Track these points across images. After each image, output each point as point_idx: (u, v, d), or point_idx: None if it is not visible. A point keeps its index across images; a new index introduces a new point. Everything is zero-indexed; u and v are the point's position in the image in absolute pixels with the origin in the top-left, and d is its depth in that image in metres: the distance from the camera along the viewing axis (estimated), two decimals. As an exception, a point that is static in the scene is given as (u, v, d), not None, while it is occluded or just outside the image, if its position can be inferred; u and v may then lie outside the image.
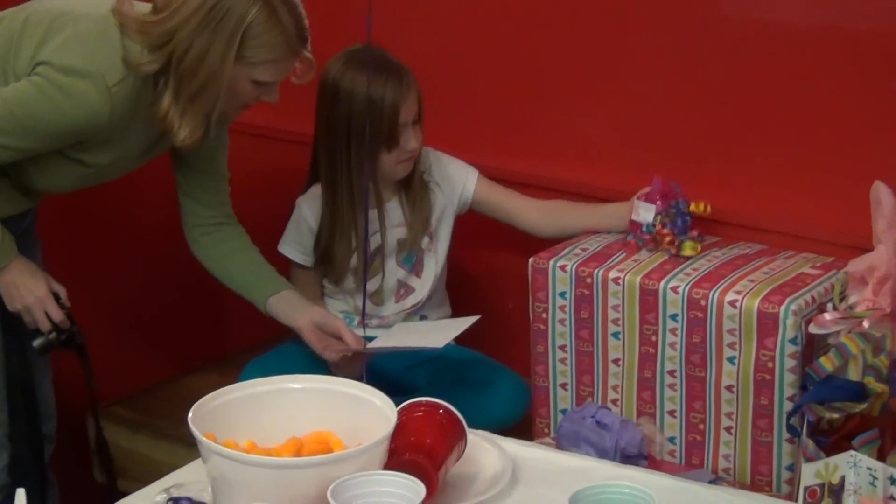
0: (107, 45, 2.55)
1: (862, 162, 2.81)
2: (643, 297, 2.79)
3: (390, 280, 3.09)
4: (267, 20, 2.54)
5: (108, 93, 2.53)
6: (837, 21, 2.89)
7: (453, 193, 3.12)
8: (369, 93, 2.90)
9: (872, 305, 2.59)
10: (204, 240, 2.95)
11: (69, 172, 2.68)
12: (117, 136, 2.64)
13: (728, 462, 2.76)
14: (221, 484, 1.90)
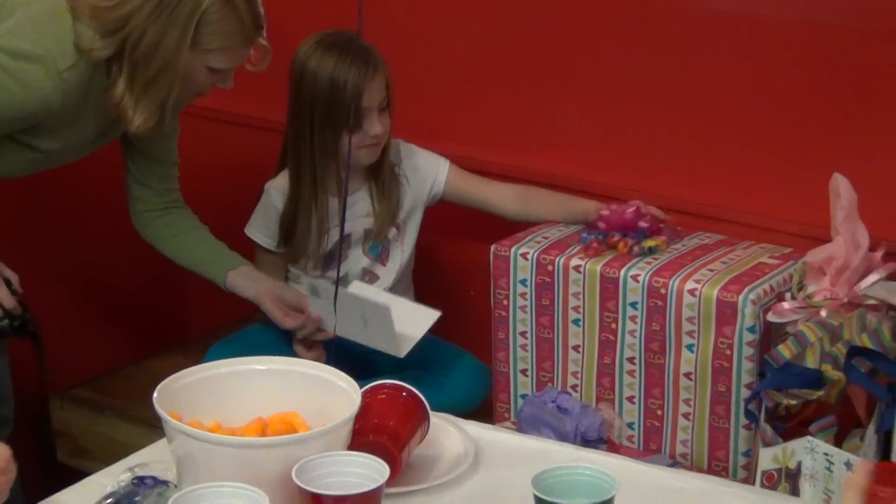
0: (58, 29, 2.53)
1: (821, 154, 2.83)
2: (604, 285, 2.79)
3: (355, 267, 3.08)
4: (222, 7, 2.53)
5: (59, 78, 2.51)
6: (797, 17, 2.90)
7: (424, 186, 3.12)
8: (333, 74, 2.90)
9: (830, 295, 2.60)
10: (156, 223, 2.94)
11: (20, 157, 2.66)
12: (69, 121, 2.62)
13: (685, 447, 2.77)
14: (187, 463, 1.89)
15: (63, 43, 2.52)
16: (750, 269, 2.76)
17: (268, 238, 3.08)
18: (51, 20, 2.53)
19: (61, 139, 2.65)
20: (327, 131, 2.95)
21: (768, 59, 2.93)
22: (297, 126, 2.99)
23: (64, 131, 2.63)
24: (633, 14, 3.07)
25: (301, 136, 2.98)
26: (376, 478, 1.81)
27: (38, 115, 2.55)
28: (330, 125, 2.94)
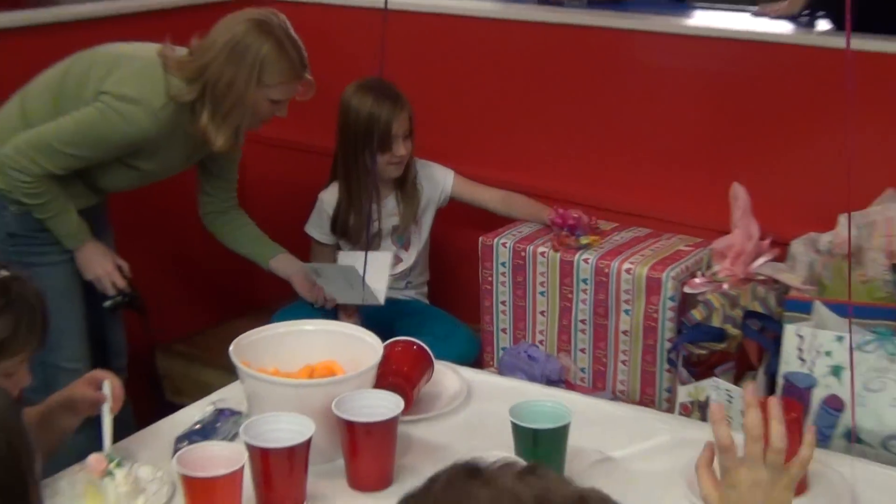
0: (153, 78, 2.54)
1: (723, 170, 2.83)
2: (562, 267, 2.79)
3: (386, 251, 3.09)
4: (277, 52, 2.53)
5: (153, 115, 2.52)
6: (703, 65, 2.91)
7: (435, 191, 3.12)
8: (370, 110, 2.92)
9: (730, 273, 2.61)
10: (217, 221, 2.94)
11: (126, 176, 2.66)
12: (162, 148, 2.62)
13: (623, 386, 2.78)
14: (254, 399, 1.91)
15: (157, 88, 2.52)
16: (671, 255, 2.77)
17: (321, 234, 3.09)
18: (148, 71, 2.54)
19: (157, 162, 2.65)
20: (367, 153, 2.95)
21: (684, 100, 2.95)
22: (344, 149, 3.00)
23: (159, 156, 2.64)
24: (587, 70, 3.07)
25: (348, 157, 2.99)
26: (394, 409, 1.83)
27: (137, 143, 2.56)
28: (368, 148, 2.94)
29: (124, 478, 1.77)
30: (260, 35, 2.53)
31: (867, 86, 2.67)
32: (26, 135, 2.53)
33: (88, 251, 2.64)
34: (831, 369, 2.21)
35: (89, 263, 2.65)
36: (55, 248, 2.63)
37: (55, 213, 2.57)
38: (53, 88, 2.60)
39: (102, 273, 2.65)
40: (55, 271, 2.64)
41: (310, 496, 1.77)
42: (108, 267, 2.66)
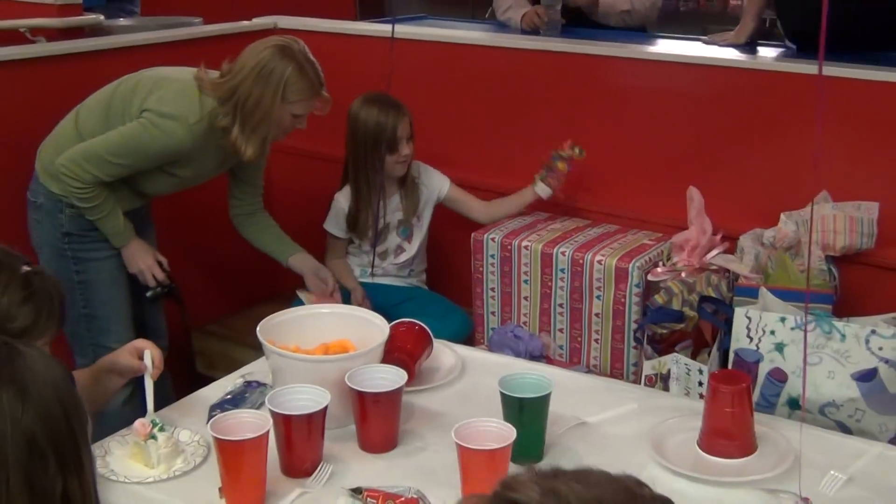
0: (189, 96, 2.51)
1: (681, 175, 2.80)
2: (543, 258, 2.76)
3: (392, 244, 3.06)
4: (298, 73, 2.51)
5: (189, 129, 2.49)
6: (664, 85, 2.88)
7: (433, 193, 3.08)
8: (377, 118, 2.90)
9: (687, 263, 2.58)
10: (244, 222, 2.90)
11: (165, 181, 2.63)
12: (197, 157, 2.59)
13: (596, 361, 2.75)
14: (278, 372, 1.89)
15: (193, 106, 2.50)
16: (636, 248, 2.73)
17: (337, 230, 3.04)
18: (185, 91, 2.51)
19: (193, 169, 2.62)
20: (376, 155, 2.92)
21: (647, 116, 2.91)
22: (355, 155, 2.96)
23: (194, 164, 2.61)
24: (563, 90, 3.04)
25: (359, 161, 2.95)
26: (398, 381, 1.81)
27: (175, 154, 2.54)
28: (377, 151, 2.91)
29: (166, 440, 1.76)
30: (283, 58, 2.50)
31: (805, 103, 2.65)
32: (79, 146, 2.51)
33: (133, 248, 2.62)
34: (775, 346, 2.19)
35: (133, 259, 2.62)
36: (104, 245, 2.61)
37: (104, 215, 2.55)
38: (103, 106, 2.58)
39: (144, 267, 2.63)
40: (104, 265, 2.62)
41: (325, 457, 1.75)
42: (150, 262, 2.63)
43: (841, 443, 1.86)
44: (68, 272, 2.59)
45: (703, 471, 1.72)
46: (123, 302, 2.68)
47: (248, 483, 1.63)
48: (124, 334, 2.62)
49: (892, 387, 2.12)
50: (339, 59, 3.39)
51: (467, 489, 1.61)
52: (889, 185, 2.58)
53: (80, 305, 2.61)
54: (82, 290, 2.62)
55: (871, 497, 1.66)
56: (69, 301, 2.56)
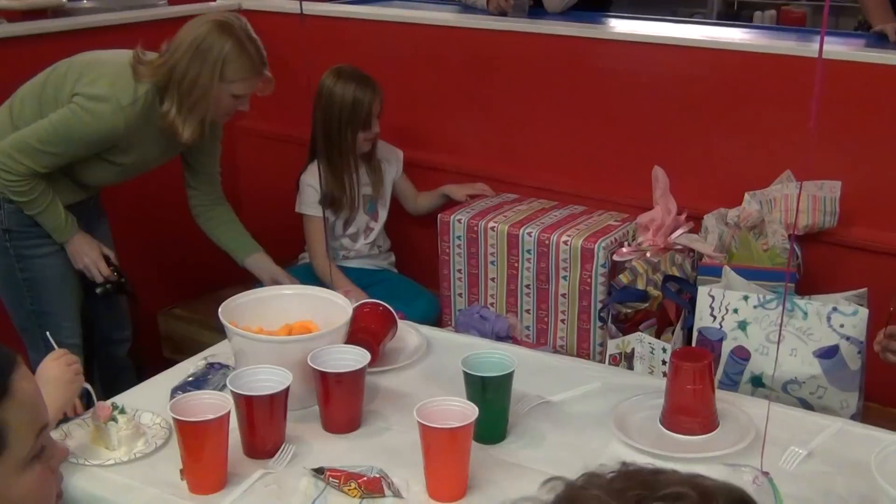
0: (122, 78, 2.40)
1: (646, 155, 2.80)
2: (509, 239, 2.76)
3: (361, 224, 3.04)
4: (238, 50, 2.41)
5: (122, 112, 2.38)
6: (629, 66, 2.88)
7: (391, 174, 3.08)
8: (354, 94, 2.88)
9: (652, 243, 2.59)
10: (203, 215, 2.78)
11: (106, 170, 2.51)
12: (135, 143, 2.47)
13: (563, 341, 2.75)
14: (240, 354, 1.87)
15: (126, 88, 2.39)
16: (602, 228, 2.73)
17: (310, 209, 2.98)
18: (117, 72, 2.41)
19: (134, 156, 2.51)
20: (349, 131, 2.90)
21: (613, 97, 2.91)
22: (327, 128, 2.92)
23: (134, 151, 2.50)
24: (530, 70, 3.03)
25: (331, 136, 2.92)
26: (361, 361, 1.79)
27: (109, 139, 2.42)
28: (350, 127, 2.89)
29: (126, 423, 1.74)
30: (222, 35, 2.40)
31: (768, 83, 2.66)
32: (10, 137, 2.39)
33: (76, 243, 2.51)
34: (738, 324, 2.19)
35: (77, 255, 2.52)
36: (47, 242, 2.50)
37: (43, 209, 2.43)
38: (36, 93, 2.47)
39: (90, 262, 2.52)
40: (49, 262, 2.51)
41: (288, 437, 1.74)
42: (94, 256, 2.52)
43: (802, 419, 1.87)
44: (12, 270, 2.50)
45: (665, 447, 1.72)
46: (72, 298, 2.58)
47: (210, 464, 1.61)
48: (75, 330, 2.56)
49: (852, 364, 2.14)
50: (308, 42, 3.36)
51: (430, 468, 1.60)
52: (851, 164, 2.59)
53: (27, 302, 2.52)
54: (29, 288, 2.52)
55: (831, 472, 1.67)
56: (17, 298, 2.53)
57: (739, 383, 2.20)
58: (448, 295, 2.91)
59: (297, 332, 1.90)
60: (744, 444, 1.70)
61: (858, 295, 2.23)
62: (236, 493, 1.61)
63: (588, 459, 1.70)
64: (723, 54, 2.77)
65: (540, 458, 1.71)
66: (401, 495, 1.59)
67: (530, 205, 2.92)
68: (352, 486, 1.59)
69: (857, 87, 2.57)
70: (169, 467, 1.66)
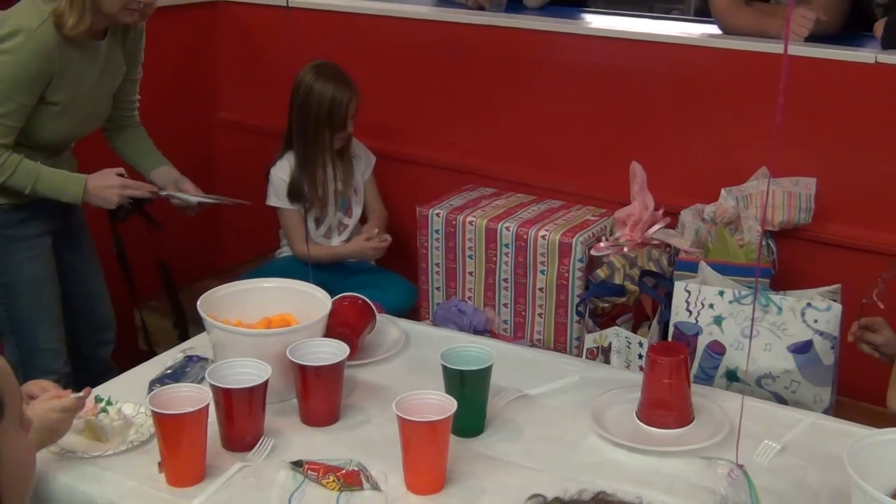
0: (25, 7, 2.31)
1: (624, 151, 2.82)
2: (487, 233, 2.76)
3: (333, 221, 3.05)
4: None
5: (35, 37, 2.27)
6: (608, 61, 2.90)
7: (361, 166, 3.10)
8: (333, 94, 2.88)
9: (629, 238, 2.61)
10: (114, 136, 2.67)
11: (51, 116, 2.38)
12: (64, 72, 2.35)
13: (540, 335, 2.76)
14: (219, 347, 1.87)
15: (31, 14, 2.29)
16: (580, 223, 2.74)
17: (281, 202, 3.00)
18: (21, 6, 2.32)
19: (68, 89, 2.38)
20: (325, 131, 2.91)
21: (592, 92, 2.93)
22: (303, 126, 2.92)
23: (66, 82, 2.37)
24: (509, 65, 3.04)
25: (307, 133, 2.92)
26: (340, 354, 1.80)
27: (39, 71, 2.31)
28: (328, 127, 2.90)
29: (117, 413, 1.75)
30: None
31: (745, 80, 2.68)
32: None
33: (93, 189, 2.40)
34: (714, 319, 2.21)
35: (105, 198, 2.42)
36: (22, 247, 2.44)
37: (35, 178, 2.34)
38: None
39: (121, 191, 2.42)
40: (26, 267, 2.46)
41: (267, 431, 1.74)
42: (118, 184, 2.43)
43: (775, 413, 1.89)
44: None
45: (641, 441, 1.74)
46: (49, 304, 2.52)
47: (188, 457, 1.61)
48: (53, 333, 2.51)
49: (826, 359, 2.16)
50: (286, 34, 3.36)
51: (408, 461, 1.61)
52: (826, 161, 2.62)
53: (1, 308, 2.47)
54: (3, 293, 2.46)
55: (804, 465, 1.69)
56: None
57: (715, 377, 2.23)
58: (426, 288, 2.92)
59: (276, 326, 1.91)
60: (719, 437, 1.72)
61: (832, 291, 2.25)
62: (215, 486, 1.61)
63: (566, 453, 1.72)
64: (700, 51, 2.79)
65: (517, 452, 1.72)
66: (379, 488, 1.60)
67: (508, 199, 2.93)
68: (330, 478, 1.60)
69: (832, 84, 2.60)
70: (147, 460, 1.66)
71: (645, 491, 1.60)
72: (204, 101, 3.55)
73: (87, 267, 2.69)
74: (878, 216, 2.59)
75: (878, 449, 1.51)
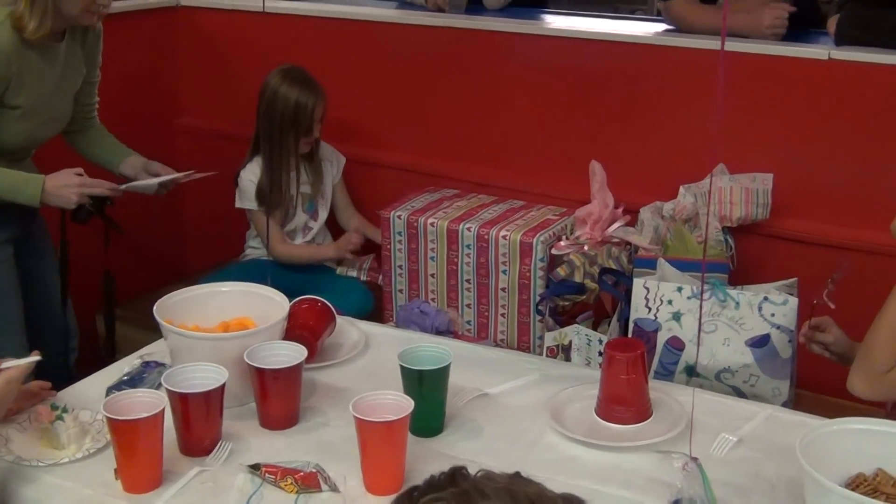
0: None
1: (584, 150, 2.83)
2: (449, 235, 2.77)
3: (300, 222, 3.04)
4: None
5: None
6: (567, 61, 2.91)
7: (334, 171, 3.10)
8: (298, 99, 2.89)
9: (590, 236, 2.62)
10: (76, 138, 2.65)
11: (9, 119, 2.35)
12: (23, 74, 2.32)
13: (503, 335, 2.77)
14: (176, 352, 1.85)
15: None
16: (540, 223, 2.75)
17: (250, 203, 3.00)
18: None
19: (29, 94, 2.36)
20: (291, 135, 2.91)
21: (552, 92, 2.94)
22: (269, 131, 2.93)
23: (26, 85, 2.35)
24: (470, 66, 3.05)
25: (273, 137, 2.92)
26: (298, 357, 1.79)
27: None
28: (293, 131, 2.91)
29: (73, 421, 1.73)
30: None
31: (703, 78, 2.70)
32: None
33: (51, 189, 2.34)
34: (673, 315, 2.23)
35: (63, 196, 2.36)
36: None
37: None
38: None
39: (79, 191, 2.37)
40: None
41: (225, 435, 1.73)
42: (76, 182, 2.38)
43: (733, 406, 1.90)
44: None
45: (600, 436, 1.74)
46: (12, 312, 2.49)
47: (144, 463, 1.60)
48: (16, 341, 2.46)
49: (783, 352, 2.18)
50: (247, 39, 3.35)
51: (366, 462, 1.61)
52: (783, 156, 2.65)
53: None
54: None
55: (760, 457, 1.70)
56: None
57: (675, 373, 2.24)
58: (389, 290, 2.92)
59: (233, 330, 1.89)
60: (676, 431, 1.73)
61: (789, 285, 2.28)
62: (172, 492, 1.60)
63: (524, 450, 1.72)
64: (657, 49, 2.81)
65: (477, 450, 1.72)
66: (337, 489, 1.60)
67: (469, 200, 2.94)
68: (288, 481, 1.59)
69: (787, 81, 2.63)
70: (104, 467, 1.65)
71: (603, 486, 1.61)
72: (165, 106, 3.53)
73: (51, 274, 2.67)
74: (833, 211, 2.61)
75: (831, 439, 1.52)
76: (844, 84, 2.56)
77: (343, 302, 2.18)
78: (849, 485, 1.49)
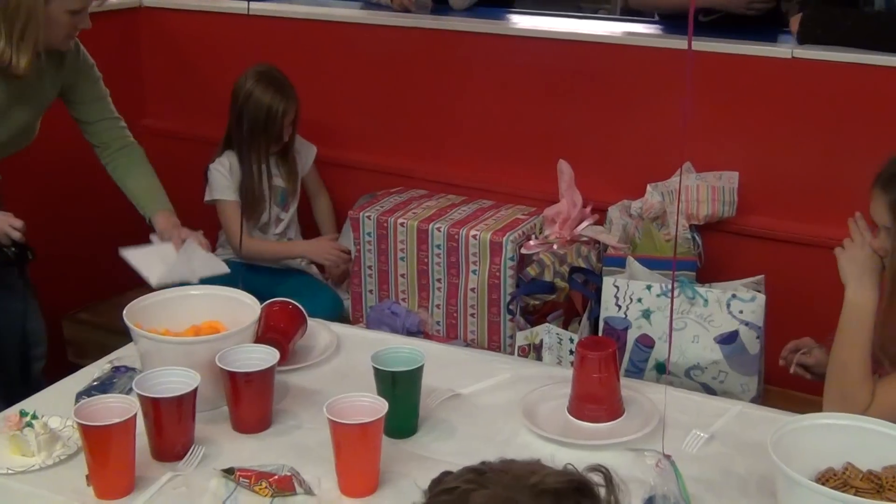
0: None
1: (552, 150, 2.84)
2: (419, 235, 2.77)
3: (273, 214, 3.03)
4: None
5: None
6: (534, 61, 2.92)
7: (305, 163, 3.09)
8: (270, 104, 2.87)
9: (559, 235, 2.63)
10: (111, 164, 2.61)
11: None
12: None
13: (473, 335, 2.77)
14: (146, 356, 1.84)
15: None
16: (510, 222, 2.76)
17: (223, 195, 2.96)
18: None
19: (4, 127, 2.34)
20: (262, 138, 2.91)
21: (519, 92, 2.95)
22: (240, 130, 2.91)
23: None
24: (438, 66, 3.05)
25: (243, 137, 2.91)
26: (270, 360, 1.78)
27: None
28: (265, 134, 2.90)
29: (42, 427, 1.71)
30: None
31: (668, 77, 2.72)
32: None
33: None
34: (642, 313, 2.24)
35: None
36: None
37: None
38: None
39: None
40: None
41: (198, 439, 1.72)
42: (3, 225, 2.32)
43: (704, 403, 1.92)
44: None
45: (573, 435, 1.75)
46: None
47: (116, 469, 1.58)
48: None
49: (752, 348, 2.21)
50: (211, 39, 3.33)
51: (341, 464, 1.60)
52: (748, 155, 2.67)
53: None
54: None
55: (731, 453, 1.72)
56: None
57: (645, 370, 2.26)
58: (359, 291, 2.91)
59: (204, 333, 1.88)
60: (648, 429, 1.74)
61: (756, 281, 2.30)
62: (144, 497, 1.58)
63: (498, 450, 1.72)
64: (623, 49, 2.82)
65: (451, 451, 1.72)
66: (312, 492, 1.59)
67: (439, 200, 2.94)
68: (262, 485, 1.58)
69: (751, 79, 2.65)
70: (75, 474, 1.63)
71: (577, 485, 1.61)
72: (129, 108, 3.45)
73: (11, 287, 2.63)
74: (798, 207, 2.64)
75: (800, 434, 1.54)
76: (807, 82, 2.59)
77: (311, 305, 2.17)
78: (819, 479, 1.51)
